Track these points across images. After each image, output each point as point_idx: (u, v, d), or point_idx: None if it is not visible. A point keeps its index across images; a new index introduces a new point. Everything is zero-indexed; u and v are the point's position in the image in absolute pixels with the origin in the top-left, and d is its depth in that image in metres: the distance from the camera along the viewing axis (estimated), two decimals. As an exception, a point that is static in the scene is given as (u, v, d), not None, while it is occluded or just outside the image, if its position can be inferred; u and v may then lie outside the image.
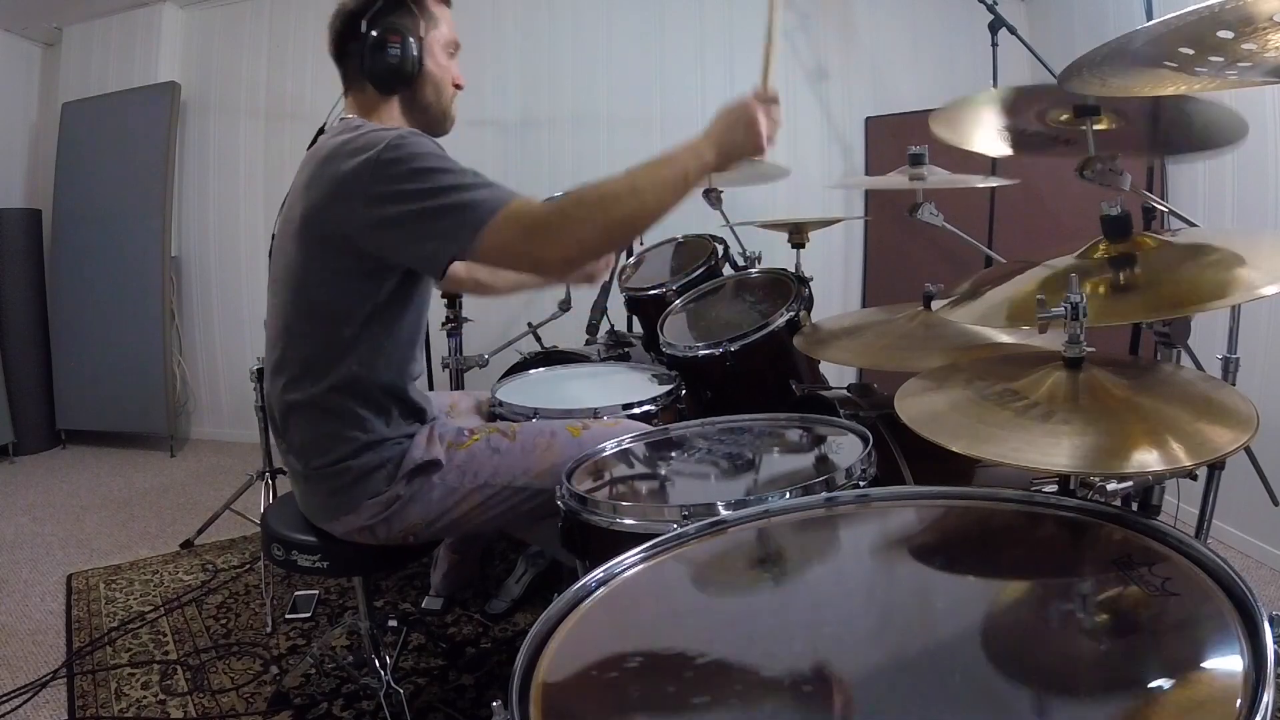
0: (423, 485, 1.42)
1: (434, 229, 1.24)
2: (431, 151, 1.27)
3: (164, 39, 4.01)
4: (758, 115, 1.30)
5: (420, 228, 1.24)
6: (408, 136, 1.28)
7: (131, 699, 1.87)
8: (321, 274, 1.34)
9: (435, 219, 1.24)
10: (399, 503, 1.41)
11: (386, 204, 1.24)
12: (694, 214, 2.92)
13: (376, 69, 1.40)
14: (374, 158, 1.24)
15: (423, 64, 1.43)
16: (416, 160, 1.24)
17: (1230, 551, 2.35)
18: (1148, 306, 1.11)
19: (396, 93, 1.44)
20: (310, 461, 1.41)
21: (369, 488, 1.40)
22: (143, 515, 3.15)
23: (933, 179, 1.75)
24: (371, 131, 1.29)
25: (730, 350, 1.91)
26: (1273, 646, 0.62)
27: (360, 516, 1.41)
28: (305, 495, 1.49)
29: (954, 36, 3.46)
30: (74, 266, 4.03)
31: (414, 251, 1.28)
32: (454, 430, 1.50)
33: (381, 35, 1.38)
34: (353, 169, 1.25)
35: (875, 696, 0.70)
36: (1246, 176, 2.37)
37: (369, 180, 1.24)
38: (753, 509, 1.04)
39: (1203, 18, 0.88)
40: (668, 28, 3.66)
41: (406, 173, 1.24)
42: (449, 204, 1.23)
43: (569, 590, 0.86)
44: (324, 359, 1.37)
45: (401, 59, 1.39)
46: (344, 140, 1.29)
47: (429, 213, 1.23)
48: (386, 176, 1.24)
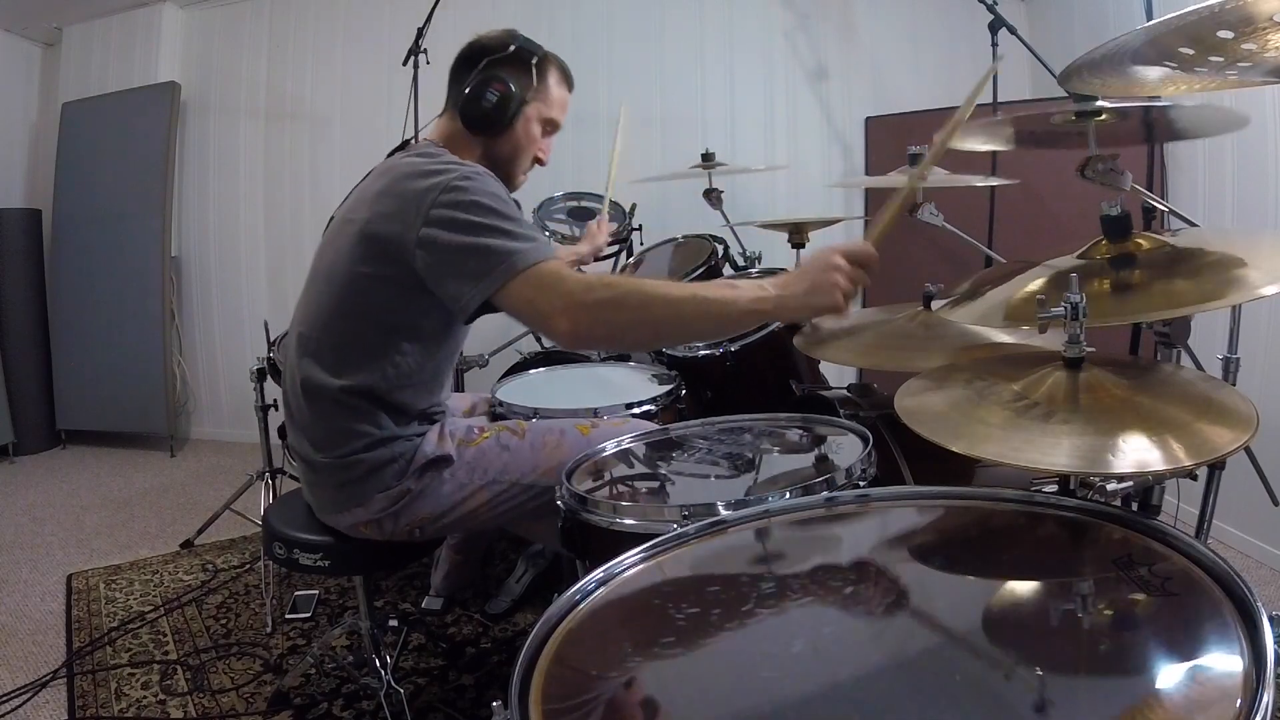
0: (433, 480, 1.44)
1: (469, 268, 1.27)
2: (497, 194, 1.32)
3: (164, 39, 4.01)
4: (840, 278, 1.23)
5: (457, 262, 1.28)
6: (482, 175, 1.34)
7: (131, 699, 1.87)
8: (370, 278, 1.36)
9: (473, 257, 1.27)
10: (408, 497, 1.42)
11: (438, 228, 1.28)
12: (694, 214, 2.95)
13: (469, 105, 1.45)
14: (443, 183, 1.30)
15: (513, 123, 1.47)
16: (480, 197, 1.29)
17: (1230, 551, 2.35)
18: (1148, 306, 1.11)
19: (479, 135, 1.48)
20: (321, 450, 1.43)
21: (380, 482, 1.41)
22: (143, 515, 3.15)
23: (933, 179, 1.75)
24: (451, 162, 1.36)
25: (730, 350, 1.91)
26: (1273, 646, 0.62)
27: (369, 510, 1.42)
28: (313, 487, 1.49)
29: (954, 36, 3.46)
30: (74, 266, 4.03)
31: (447, 286, 1.31)
32: (464, 427, 1.52)
33: (488, 77, 1.44)
34: (424, 188, 1.30)
35: (875, 697, 0.70)
36: (1246, 176, 2.37)
37: (432, 202, 1.29)
38: (753, 509, 1.04)
39: (1203, 18, 0.88)
40: (668, 28, 3.66)
41: (466, 204, 1.28)
42: (490, 246, 1.27)
43: (569, 590, 0.86)
44: (352, 359, 1.39)
45: (494, 107, 1.44)
46: (424, 162, 1.36)
47: (469, 250, 1.27)
48: (448, 203, 1.29)
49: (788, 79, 3.61)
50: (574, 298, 1.24)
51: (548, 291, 1.25)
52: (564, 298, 1.24)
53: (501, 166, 1.50)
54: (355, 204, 1.43)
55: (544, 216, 2.83)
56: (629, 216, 2.83)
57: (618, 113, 2.44)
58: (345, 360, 1.40)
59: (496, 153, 1.50)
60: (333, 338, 1.41)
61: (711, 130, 3.57)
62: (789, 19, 3.58)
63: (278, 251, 4.05)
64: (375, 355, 1.39)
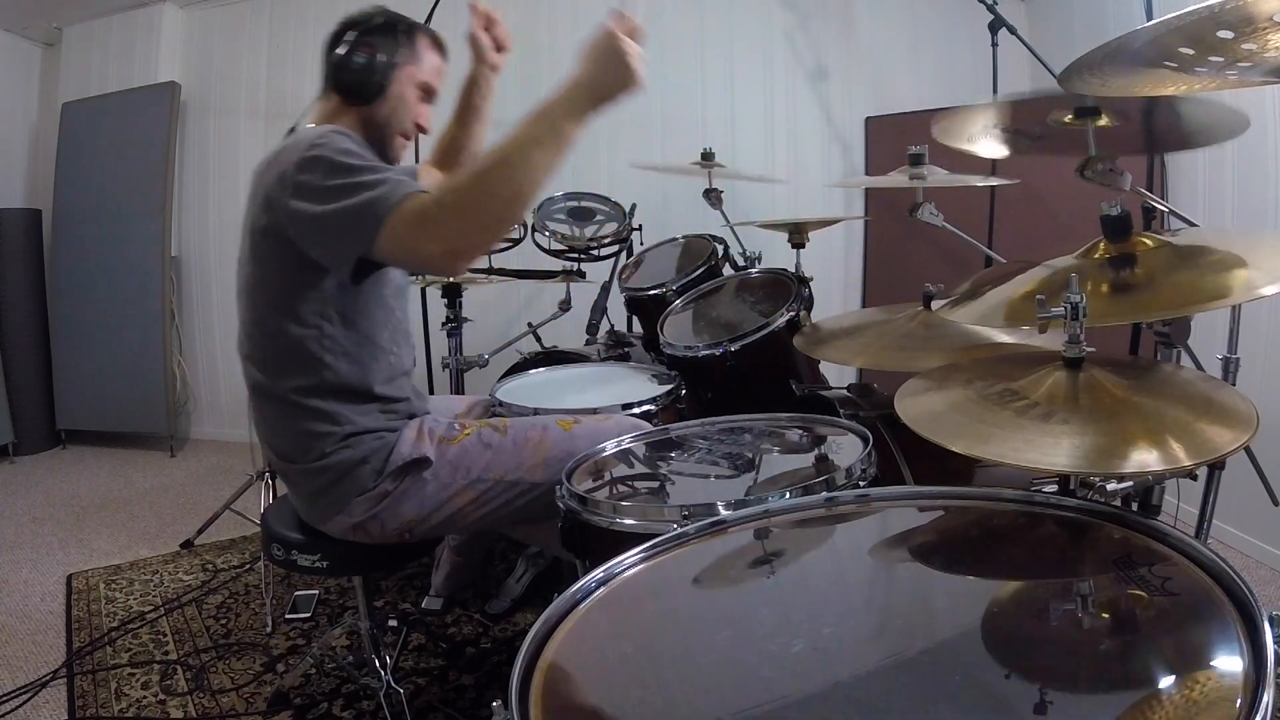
0: (414, 482, 1.43)
1: (337, 228, 1.26)
2: (347, 149, 1.30)
3: (164, 39, 4.01)
4: (624, 44, 1.23)
5: (323, 228, 1.28)
6: (328, 135, 1.32)
7: (131, 699, 1.87)
8: (266, 273, 1.38)
9: (334, 221, 1.26)
10: (389, 499, 1.42)
11: (299, 200, 1.28)
12: (694, 214, 2.95)
13: (339, 74, 1.44)
14: (295, 159, 1.29)
15: (385, 87, 1.45)
16: (330, 155, 1.28)
17: (1230, 551, 2.35)
18: (1148, 306, 1.11)
19: (354, 105, 1.46)
20: (291, 459, 1.43)
21: (355, 484, 1.41)
22: (143, 515, 3.15)
23: (933, 179, 1.75)
24: (303, 137, 1.34)
25: (730, 350, 1.91)
26: (1273, 646, 0.62)
27: (351, 515, 1.42)
28: (295, 497, 1.51)
29: (954, 36, 3.46)
30: (74, 266, 4.03)
31: (322, 250, 1.31)
32: (445, 425, 1.51)
33: (356, 44, 1.43)
34: (280, 169, 1.31)
35: (875, 696, 0.70)
36: (1246, 176, 2.37)
37: (293, 175, 1.29)
38: (753, 509, 1.04)
39: (1203, 18, 0.88)
40: (668, 28, 3.66)
41: (318, 169, 1.27)
42: (346, 207, 1.25)
43: (569, 590, 0.86)
44: (286, 358, 1.40)
45: (363, 70, 1.43)
46: (291, 142, 1.36)
47: (330, 215, 1.26)
48: (306, 173, 1.28)
49: (788, 79, 3.61)
50: (434, 223, 1.22)
51: (413, 230, 1.22)
52: (426, 228, 1.22)
53: (379, 134, 1.48)
54: (248, 203, 1.44)
55: (544, 216, 2.83)
56: (629, 216, 2.83)
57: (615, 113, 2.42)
58: (282, 362, 1.40)
59: (373, 120, 1.47)
60: (263, 343, 1.42)
61: (711, 130, 3.57)
62: (789, 19, 3.58)
63: (278, 251, 4.04)
64: (302, 346, 1.38)
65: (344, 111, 1.47)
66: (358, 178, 1.26)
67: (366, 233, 1.24)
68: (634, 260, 2.68)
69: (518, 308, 3.72)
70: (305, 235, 1.30)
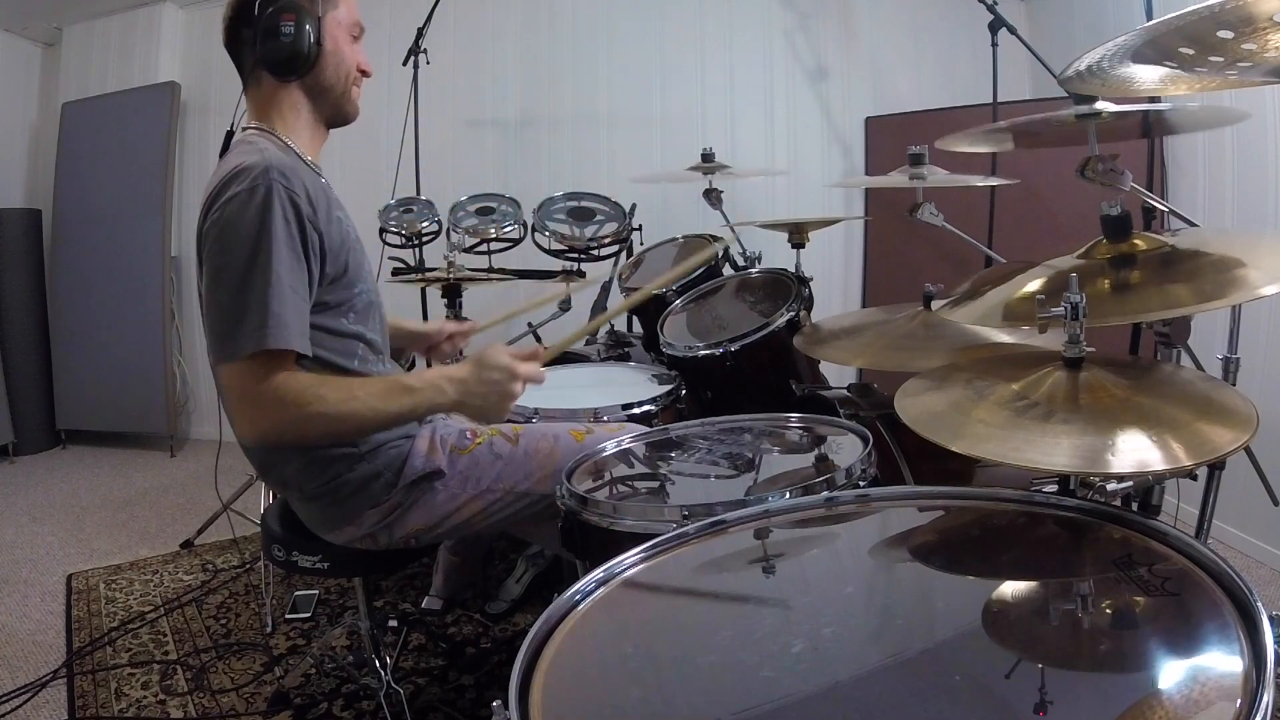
0: (425, 492, 1.40)
1: (210, 319, 1.22)
2: (248, 231, 1.19)
3: (164, 39, 4.01)
4: (516, 389, 1.31)
5: (206, 309, 1.23)
6: (261, 185, 1.20)
7: (131, 699, 1.87)
8: None
9: (205, 317, 1.23)
10: (400, 510, 1.39)
11: (205, 256, 1.24)
12: (694, 214, 2.95)
13: (271, 53, 1.32)
14: (215, 214, 1.22)
15: (321, 44, 1.34)
16: (226, 240, 1.20)
17: (1230, 551, 2.35)
18: (1148, 306, 1.11)
19: (295, 78, 1.36)
20: (304, 488, 1.38)
21: (369, 497, 1.38)
22: (143, 515, 3.15)
23: (933, 179, 1.75)
24: (239, 172, 1.22)
25: (730, 350, 1.90)
26: (1273, 646, 0.62)
27: (361, 526, 1.40)
28: (303, 510, 1.46)
29: (954, 36, 3.46)
30: (74, 266, 4.03)
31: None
32: (456, 432, 1.48)
33: (274, 16, 1.30)
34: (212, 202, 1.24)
35: (875, 696, 0.70)
36: (1246, 176, 2.37)
37: (207, 229, 1.23)
38: (753, 509, 1.04)
39: (1203, 18, 0.88)
40: (668, 28, 3.66)
41: (226, 243, 1.20)
42: (223, 309, 1.19)
43: (569, 590, 0.86)
44: None
45: (296, 37, 1.30)
46: (223, 179, 1.24)
47: (209, 303, 1.22)
48: (213, 233, 1.22)
49: (788, 79, 3.61)
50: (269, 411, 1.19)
51: (248, 396, 1.19)
52: (261, 406, 1.19)
53: (332, 95, 1.39)
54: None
55: (544, 216, 2.82)
56: (629, 216, 2.83)
57: (614, 113, 2.42)
58: None
59: (318, 86, 1.37)
60: None
61: (711, 130, 3.57)
62: (789, 19, 3.58)
63: (278, 251, 4.04)
64: None
65: (283, 90, 1.36)
66: (249, 289, 1.18)
67: (221, 349, 1.20)
68: (634, 260, 2.67)
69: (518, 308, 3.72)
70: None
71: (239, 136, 1.37)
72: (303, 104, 1.38)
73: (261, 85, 1.37)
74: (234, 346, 1.18)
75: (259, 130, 1.37)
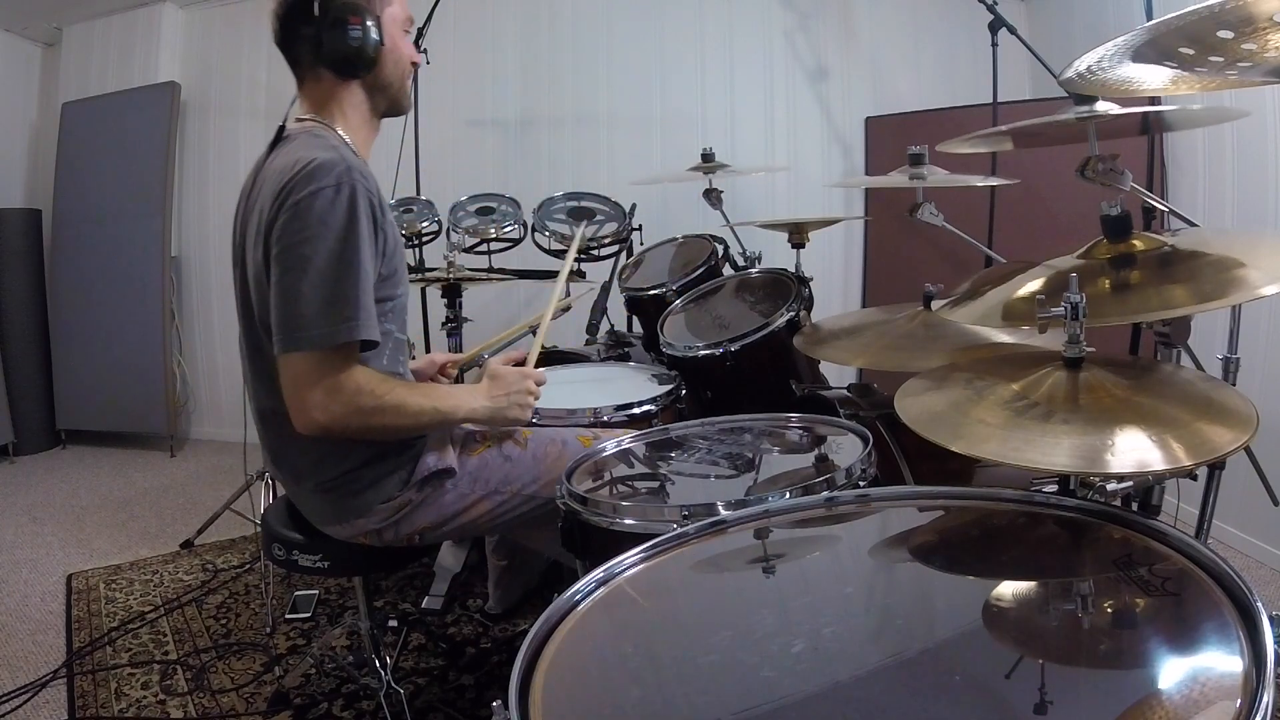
0: (434, 491, 1.41)
1: (273, 317, 1.23)
2: (335, 227, 1.21)
3: (164, 39, 4.01)
4: (532, 396, 1.43)
5: (275, 293, 1.23)
6: (348, 182, 1.22)
7: (131, 699, 1.87)
8: (268, 302, 1.27)
9: (274, 308, 1.22)
10: (409, 507, 1.40)
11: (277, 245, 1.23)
12: (694, 214, 2.95)
13: (336, 53, 1.32)
14: (291, 205, 1.21)
15: (382, 43, 1.35)
16: (311, 232, 1.21)
17: (1230, 551, 2.35)
18: (1148, 306, 1.11)
19: (358, 77, 1.37)
20: (319, 479, 1.38)
21: (381, 493, 1.38)
22: (143, 515, 3.15)
23: (933, 179, 1.75)
24: (316, 168, 1.23)
25: (730, 350, 1.91)
26: (1273, 646, 0.62)
27: (370, 521, 1.40)
28: (307, 505, 1.46)
29: (954, 36, 3.46)
30: (74, 266, 4.03)
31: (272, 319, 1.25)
32: (463, 433, 1.49)
33: (339, 16, 1.30)
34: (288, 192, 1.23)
35: (875, 696, 0.70)
36: (1246, 176, 2.37)
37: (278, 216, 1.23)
38: (753, 509, 1.04)
39: (1203, 18, 0.88)
40: (668, 28, 3.66)
41: (313, 231, 1.21)
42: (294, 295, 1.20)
43: (569, 590, 0.86)
44: None
45: (363, 40, 1.32)
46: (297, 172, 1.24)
47: (275, 296, 1.22)
48: (286, 221, 1.22)
49: (788, 79, 3.61)
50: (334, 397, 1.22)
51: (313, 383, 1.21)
52: (331, 394, 1.21)
53: (392, 90, 1.42)
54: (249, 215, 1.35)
55: (544, 216, 2.83)
56: (629, 216, 2.83)
57: (614, 113, 2.42)
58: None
59: (382, 80, 1.39)
60: (271, 376, 1.32)
61: (711, 130, 3.57)
62: (789, 19, 3.58)
63: (278, 251, 4.04)
64: None
65: (342, 86, 1.37)
66: (339, 280, 1.19)
67: (284, 340, 1.21)
68: (634, 260, 2.67)
69: (518, 308, 3.72)
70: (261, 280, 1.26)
71: (298, 127, 1.37)
72: (362, 100, 1.40)
73: (321, 81, 1.37)
74: (320, 335, 1.20)
75: (316, 122, 1.38)
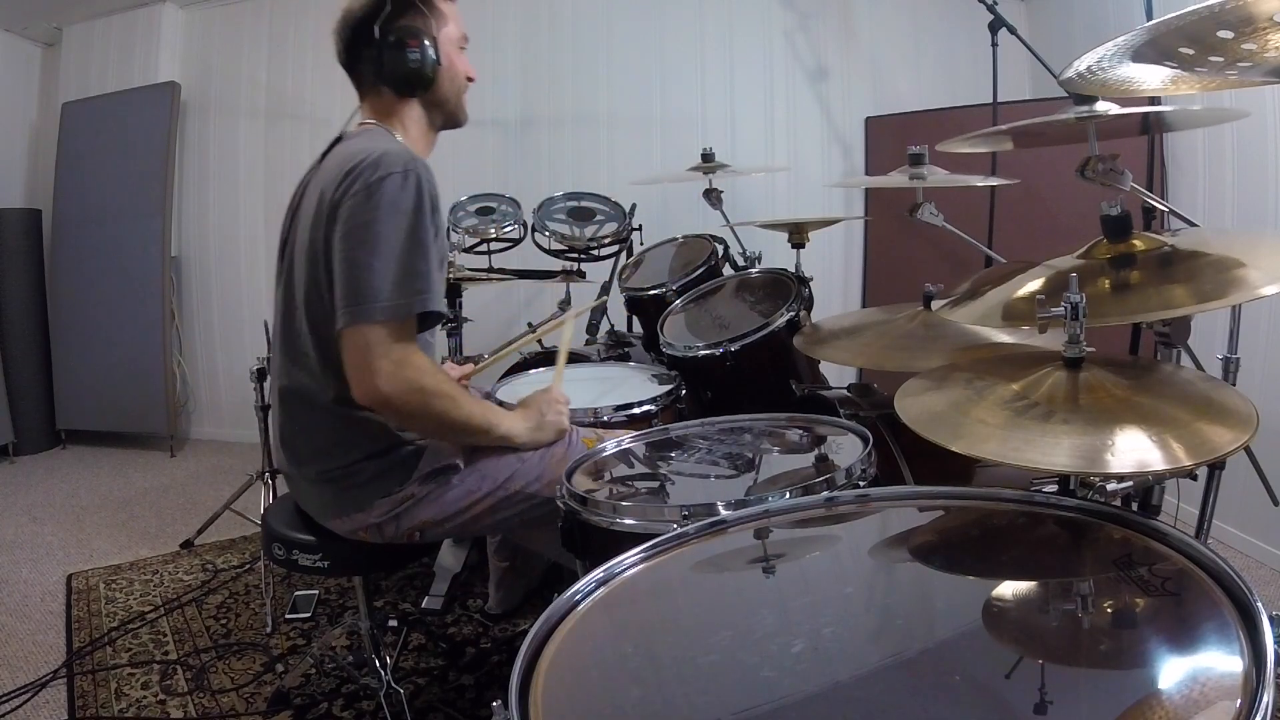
0: (438, 485, 1.41)
1: (339, 290, 1.27)
2: (405, 209, 1.27)
3: (164, 39, 4.01)
4: (560, 404, 1.51)
5: (338, 276, 1.28)
6: (418, 169, 1.29)
7: (131, 699, 1.87)
8: (319, 281, 1.33)
9: (341, 281, 1.27)
10: (411, 501, 1.41)
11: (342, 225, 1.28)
12: (694, 214, 2.95)
13: (396, 72, 1.41)
14: (362, 185, 1.27)
15: (440, 63, 1.44)
16: (383, 211, 1.26)
17: (1230, 551, 2.35)
18: (1148, 306, 1.11)
19: (416, 94, 1.46)
20: (321, 467, 1.40)
21: (383, 487, 1.39)
22: (143, 515, 3.15)
23: (933, 179, 1.75)
24: (383, 155, 1.29)
25: (730, 350, 1.91)
26: (1273, 646, 0.62)
27: (370, 515, 1.41)
28: (309, 495, 1.48)
29: (954, 36, 3.46)
30: (74, 266, 4.03)
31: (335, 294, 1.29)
32: None
33: (399, 39, 1.39)
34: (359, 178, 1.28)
35: (875, 696, 0.70)
36: (1246, 176, 2.37)
37: (345, 197, 1.28)
38: (753, 509, 1.04)
39: (1203, 18, 0.88)
40: (668, 28, 3.66)
41: (387, 213, 1.26)
42: (369, 268, 1.25)
43: (569, 590, 0.86)
44: (338, 369, 1.34)
45: (422, 61, 1.40)
46: (364, 158, 1.30)
47: (342, 269, 1.27)
48: (355, 204, 1.27)
49: (788, 79, 3.61)
50: (413, 370, 1.28)
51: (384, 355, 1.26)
52: (407, 365, 1.27)
53: (448, 106, 1.50)
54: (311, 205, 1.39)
55: (544, 216, 2.83)
56: (629, 216, 2.83)
57: (614, 113, 2.41)
58: (339, 372, 1.33)
59: (439, 97, 1.47)
60: (319, 350, 1.37)
61: (711, 130, 3.57)
62: (789, 19, 3.58)
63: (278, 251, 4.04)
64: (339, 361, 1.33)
65: (402, 102, 1.45)
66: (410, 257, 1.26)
67: (348, 314, 1.25)
68: (634, 260, 2.68)
69: (517, 308, 3.72)
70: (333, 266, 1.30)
71: (360, 130, 1.45)
72: (420, 115, 1.48)
73: (382, 97, 1.46)
74: (393, 305, 1.25)
75: (379, 127, 1.45)
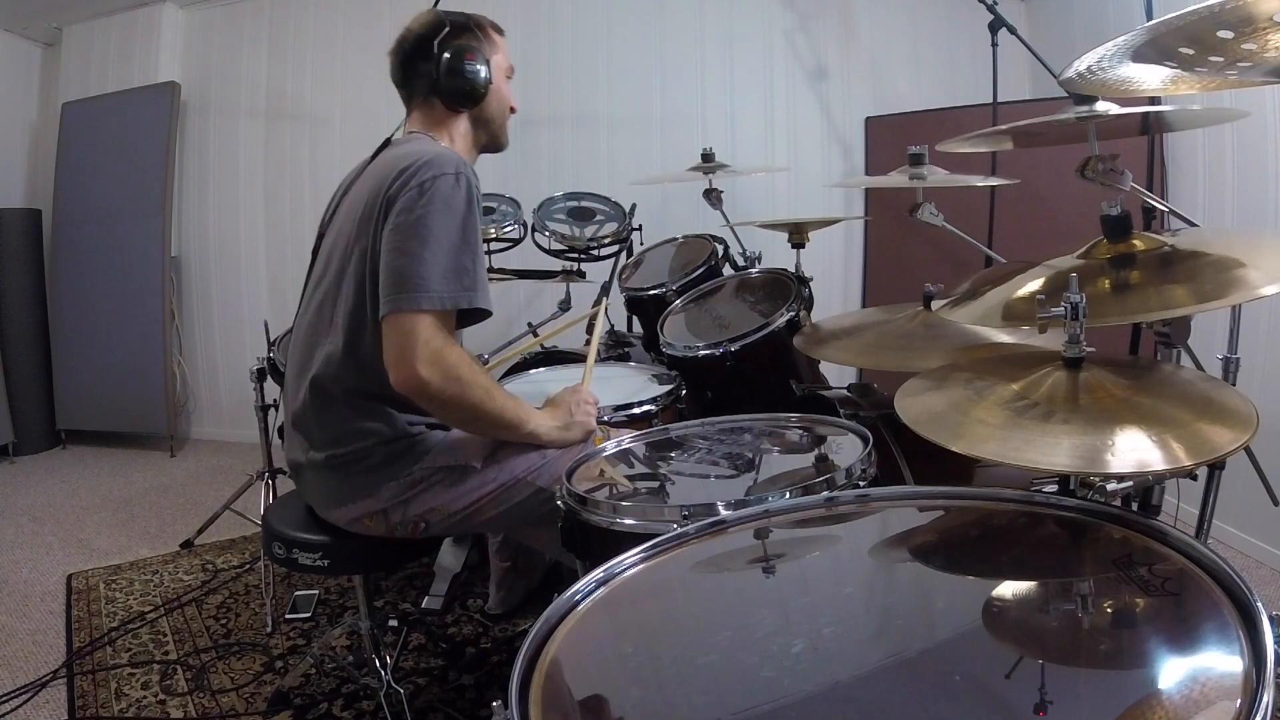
0: (449, 473, 1.43)
1: (385, 279, 1.31)
2: (457, 209, 1.33)
3: (164, 39, 4.01)
4: (590, 419, 1.51)
5: (385, 265, 1.32)
6: (465, 170, 1.35)
7: (131, 699, 1.87)
8: (362, 273, 1.38)
9: (388, 270, 1.31)
10: (421, 486, 1.42)
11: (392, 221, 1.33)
12: (694, 214, 2.95)
13: (451, 87, 1.49)
14: (416, 183, 1.33)
15: (490, 84, 1.53)
16: (436, 207, 1.32)
17: (1230, 551, 2.35)
18: (1148, 306, 1.11)
19: (465, 110, 1.54)
20: (334, 450, 1.42)
21: (393, 471, 1.41)
22: (143, 515, 3.15)
23: (933, 179, 1.75)
24: (435, 157, 1.36)
25: (730, 350, 1.91)
26: (1273, 646, 0.62)
27: (378, 500, 1.41)
28: (315, 484, 1.47)
29: (954, 36, 3.46)
30: (74, 266, 4.03)
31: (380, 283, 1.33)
32: None
33: (457, 55, 1.48)
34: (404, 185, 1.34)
35: (875, 696, 0.70)
36: (1246, 176, 2.37)
37: (399, 194, 1.33)
38: (753, 509, 1.04)
39: (1203, 18, 0.88)
40: (668, 28, 3.66)
41: (440, 208, 1.32)
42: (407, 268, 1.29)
43: (569, 590, 0.86)
44: (360, 363, 1.38)
45: (476, 76, 1.50)
46: (417, 159, 1.36)
47: (391, 259, 1.31)
48: (411, 201, 1.32)
49: (788, 79, 3.61)
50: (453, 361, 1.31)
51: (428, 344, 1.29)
52: (439, 357, 1.29)
53: (492, 127, 1.59)
54: (358, 198, 1.43)
55: (544, 216, 2.83)
56: (629, 216, 2.83)
57: (614, 113, 2.42)
58: (360, 367, 1.38)
59: (485, 116, 1.56)
60: (348, 342, 1.39)
61: (711, 130, 3.57)
62: (789, 19, 3.58)
63: (278, 251, 4.04)
64: (372, 351, 1.36)
65: (452, 116, 1.53)
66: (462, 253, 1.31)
67: (391, 303, 1.29)
68: (634, 260, 2.68)
69: (517, 308, 3.72)
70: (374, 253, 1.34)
71: (411, 135, 1.53)
72: (467, 130, 1.57)
73: (433, 109, 1.54)
74: (441, 296, 1.30)
75: (427, 134, 1.52)
